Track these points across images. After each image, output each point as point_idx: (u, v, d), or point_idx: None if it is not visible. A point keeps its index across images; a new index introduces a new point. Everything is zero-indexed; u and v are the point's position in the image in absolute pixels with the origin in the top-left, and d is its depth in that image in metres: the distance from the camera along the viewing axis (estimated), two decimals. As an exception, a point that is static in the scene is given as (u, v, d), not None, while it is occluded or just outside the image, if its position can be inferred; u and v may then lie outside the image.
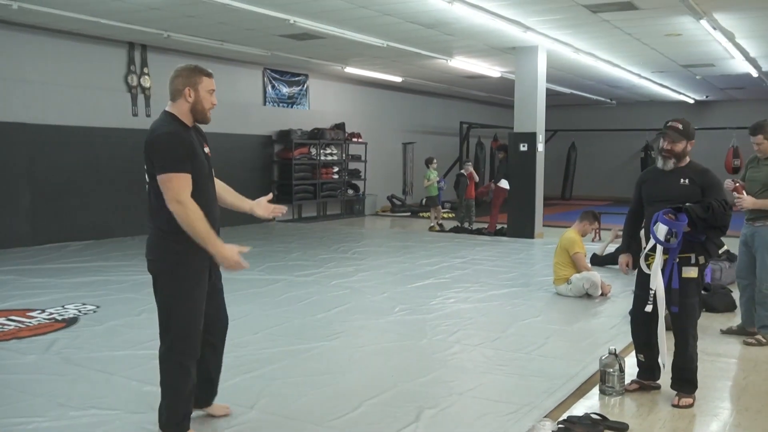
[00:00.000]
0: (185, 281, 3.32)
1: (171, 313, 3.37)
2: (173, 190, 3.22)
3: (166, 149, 3.26)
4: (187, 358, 3.39)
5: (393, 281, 8.11)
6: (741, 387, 4.57)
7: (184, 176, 3.24)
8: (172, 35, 11.07)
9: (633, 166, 23.35)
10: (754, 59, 13.52)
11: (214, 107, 3.49)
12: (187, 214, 3.22)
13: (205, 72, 3.47)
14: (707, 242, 4.13)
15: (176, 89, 3.40)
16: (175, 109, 3.41)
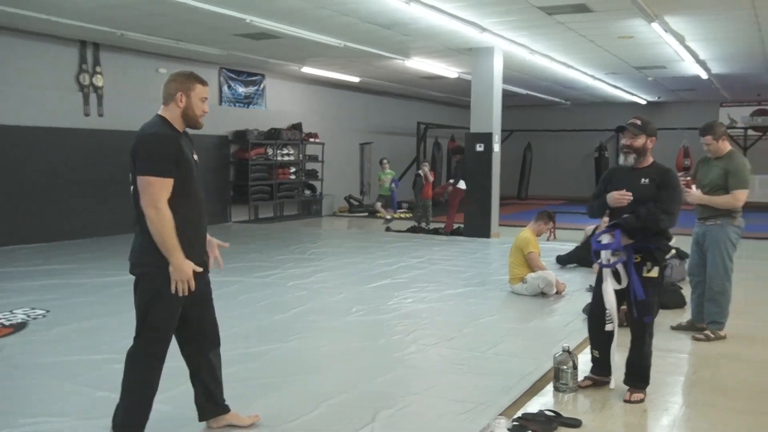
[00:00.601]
0: (164, 285, 3.28)
1: (145, 316, 3.34)
2: (150, 195, 3.18)
3: (149, 151, 3.24)
4: (154, 360, 3.36)
5: (350, 282, 8.10)
6: (691, 382, 4.68)
7: (164, 181, 3.20)
8: (126, 34, 10.87)
9: (587, 166, 23.76)
10: (704, 62, 13.86)
11: (206, 114, 3.48)
12: (160, 220, 3.17)
13: (200, 80, 3.46)
14: (655, 251, 4.20)
15: (169, 93, 3.39)
16: (167, 113, 3.39)
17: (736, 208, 5.50)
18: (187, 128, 3.48)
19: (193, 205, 3.36)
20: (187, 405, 4.02)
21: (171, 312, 3.36)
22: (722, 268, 5.55)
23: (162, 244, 3.19)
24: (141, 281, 3.36)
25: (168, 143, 3.27)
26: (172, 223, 3.20)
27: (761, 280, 8.51)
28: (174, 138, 3.32)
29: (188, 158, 3.34)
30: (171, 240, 3.19)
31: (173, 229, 3.20)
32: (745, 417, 3.96)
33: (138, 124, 3.53)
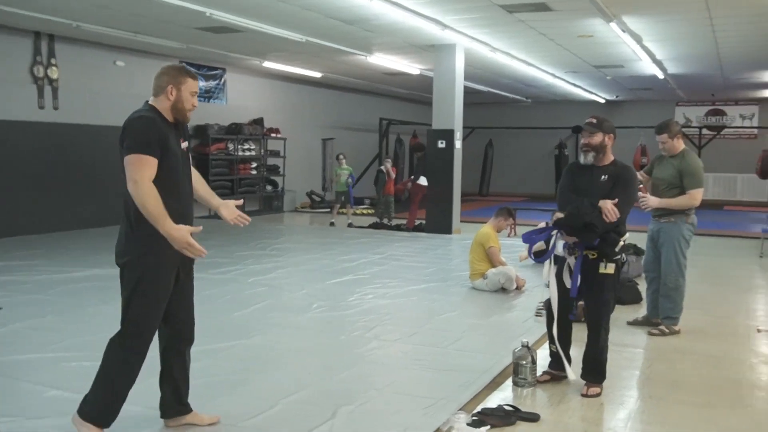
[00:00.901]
0: (146, 277, 3.27)
1: (128, 307, 3.32)
2: (132, 170, 3.19)
3: (136, 131, 3.25)
4: (133, 355, 3.33)
5: (312, 278, 8.07)
6: (646, 376, 4.76)
7: (148, 159, 3.20)
8: (81, 25, 10.63)
9: (548, 163, 24.05)
10: (661, 62, 14.12)
11: (195, 108, 3.48)
12: (140, 192, 3.15)
13: (191, 74, 3.46)
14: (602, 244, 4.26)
15: (159, 86, 3.40)
16: (157, 104, 3.41)
17: (693, 206, 5.61)
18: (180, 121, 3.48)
19: (177, 196, 3.34)
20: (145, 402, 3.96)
21: (152, 307, 3.33)
22: (676, 264, 5.67)
23: (148, 216, 3.16)
24: (123, 271, 3.35)
25: (153, 125, 3.28)
26: (155, 193, 3.16)
27: (714, 276, 8.72)
28: (158, 122, 3.31)
29: (171, 149, 3.33)
30: (156, 209, 3.15)
31: (156, 198, 3.16)
32: (697, 410, 4.05)
33: (95, 118, 3.49)
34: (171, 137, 3.36)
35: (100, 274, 7.87)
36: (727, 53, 12.99)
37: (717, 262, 9.84)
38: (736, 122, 22.30)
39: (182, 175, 3.42)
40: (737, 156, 21.88)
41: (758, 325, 6.15)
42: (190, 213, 3.47)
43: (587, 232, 4.18)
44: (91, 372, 4.47)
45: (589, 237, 4.19)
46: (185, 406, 3.66)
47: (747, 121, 22.22)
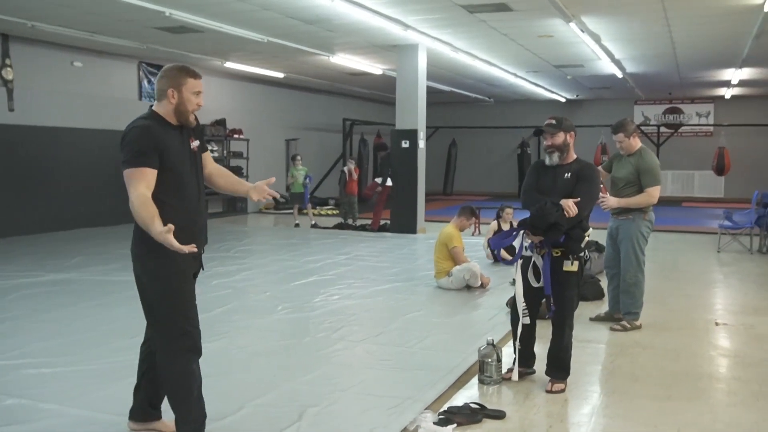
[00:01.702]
0: (175, 276, 3.18)
1: (161, 312, 3.22)
2: (128, 187, 3.11)
3: (128, 144, 3.16)
4: (187, 356, 3.25)
5: (276, 280, 8.02)
6: (609, 371, 4.83)
7: (143, 171, 3.11)
8: (37, 25, 10.41)
9: (511, 161, 24.26)
10: (619, 61, 14.35)
11: (199, 108, 3.34)
12: (134, 210, 3.05)
13: (192, 73, 3.30)
14: (568, 240, 4.31)
15: (161, 89, 3.28)
16: (160, 108, 3.29)
17: (651, 203, 5.71)
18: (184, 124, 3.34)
19: (183, 198, 3.25)
20: (111, 409, 3.90)
21: (187, 303, 3.26)
22: (635, 260, 5.77)
23: (142, 223, 3.06)
24: (144, 279, 3.25)
25: (145, 133, 3.16)
26: (147, 202, 3.06)
27: (673, 271, 8.89)
28: (152, 129, 3.19)
29: (175, 150, 3.23)
30: (146, 216, 3.03)
31: (148, 206, 3.05)
32: (658, 403, 4.12)
33: (52, 120, 3.41)
34: (173, 139, 3.24)
35: (59, 279, 7.72)
36: (683, 53, 13.26)
37: (676, 258, 10.03)
38: (693, 120, 22.77)
39: (188, 176, 3.29)
40: (694, 153, 22.35)
41: (716, 319, 6.28)
42: (199, 210, 3.35)
43: (553, 231, 4.23)
44: (52, 378, 4.42)
45: (555, 235, 4.24)
46: (157, 411, 3.58)
47: (703, 119, 22.70)
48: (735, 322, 6.21)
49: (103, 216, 12.94)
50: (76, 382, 4.35)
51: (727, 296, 7.60)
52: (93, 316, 6.16)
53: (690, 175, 22.69)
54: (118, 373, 4.50)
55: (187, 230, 3.23)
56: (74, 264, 8.67)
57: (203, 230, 3.42)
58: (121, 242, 10.71)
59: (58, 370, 4.60)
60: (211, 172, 3.57)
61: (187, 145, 3.34)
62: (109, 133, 13.28)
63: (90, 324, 5.85)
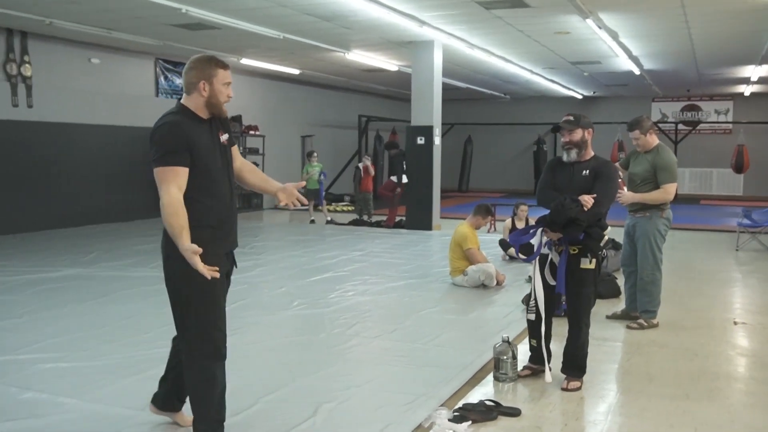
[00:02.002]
0: (199, 278, 3.03)
1: (187, 315, 3.16)
2: (159, 187, 3.02)
3: (158, 141, 3.07)
4: (209, 361, 3.19)
5: (291, 275, 8.03)
6: (624, 369, 4.79)
7: (175, 170, 3.03)
8: (54, 22, 10.49)
9: (526, 158, 24.16)
10: (637, 58, 14.23)
11: (230, 100, 3.26)
12: (165, 208, 2.98)
13: (222, 64, 3.21)
14: (587, 239, 4.28)
15: (190, 82, 3.17)
16: (190, 102, 3.19)
17: (666, 200, 5.66)
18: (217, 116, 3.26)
19: (214, 194, 3.16)
20: (123, 403, 3.92)
21: (214, 305, 3.17)
22: (652, 258, 5.72)
23: (170, 232, 3.00)
24: (173, 279, 3.18)
25: (175, 130, 3.08)
26: (178, 210, 2.98)
27: (691, 270, 8.81)
28: (183, 125, 3.10)
29: (205, 147, 3.14)
30: (175, 227, 2.97)
31: (178, 216, 2.98)
32: (675, 402, 4.09)
33: (69, 116, 3.40)
34: (203, 135, 3.16)
35: (75, 274, 7.78)
36: (701, 50, 13.12)
37: (693, 256, 9.94)
38: (711, 117, 22.55)
39: (220, 172, 3.21)
40: (712, 151, 22.15)
41: (735, 318, 6.22)
42: (231, 208, 3.27)
43: (572, 227, 4.20)
44: (68, 372, 4.46)
45: (574, 231, 4.21)
46: (181, 403, 3.57)
47: (722, 117, 22.47)
48: (753, 321, 6.15)
49: (119, 212, 13.02)
50: (92, 377, 4.38)
51: (746, 295, 7.52)
52: (108, 311, 6.19)
53: (708, 173, 22.48)
54: (132, 368, 4.53)
55: (220, 229, 3.19)
56: (90, 260, 8.73)
57: (235, 227, 3.34)
58: (136, 238, 10.78)
59: (75, 365, 4.63)
60: (240, 168, 3.48)
61: (217, 140, 3.24)
62: (126, 129, 13.39)
63: (105, 319, 5.89)
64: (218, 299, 3.20)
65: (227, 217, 3.24)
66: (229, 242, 3.29)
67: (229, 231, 3.27)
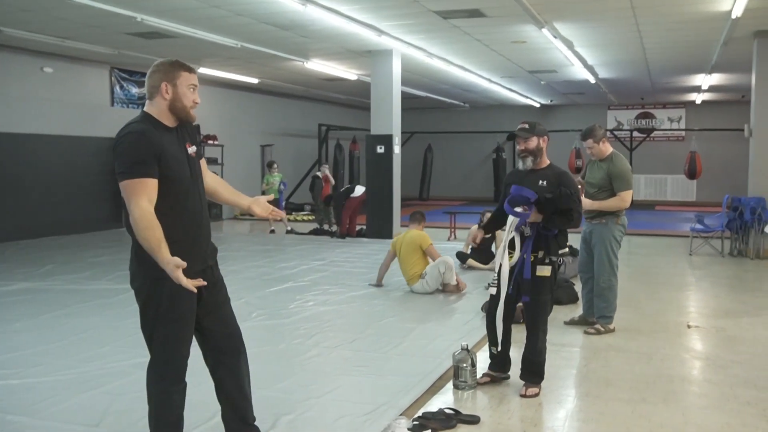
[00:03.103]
0: (164, 300, 2.94)
1: (152, 335, 3.04)
2: (128, 201, 2.84)
3: (123, 152, 2.87)
4: (168, 384, 3.08)
5: (251, 286, 7.96)
6: (582, 374, 4.85)
7: (144, 182, 2.85)
8: (5, 30, 10.26)
9: (486, 166, 24.39)
10: (592, 66, 14.49)
11: (197, 105, 3.11)
12: (138, 223, 2.81)
13: (186, 66, 3.08)
14: (553, 239, 4.34)
15: (152, 86, 3.02)
16: (153, 108, 3.02)
17: (623, 208, 5.76)
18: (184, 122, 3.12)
19: (184, 207, 3.02)
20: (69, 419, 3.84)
21: (177, 330, 3.04)
22: (608, 264, 5.81)
23: (147, 248, 2.83)
24: (139, 298, 3.06)
25: (141, 140, 2.88)
26: (153, 223, 2.82)
27: (646, 275, 8.97)
28: (149, 133, 2.91)
29: (173, 157, 2.96)
30: (152, 242, 2.80)
31: (154, 229, 2.81)
32: (632, 406, 4.15)
33: (23, 126, 3.32)
34: (170, 145, 2.98)
35: (29, 288, 7.59)
36: (654, 58, 13.43)
37: (649, 261, 10.13)
38: (665, 125, 23.07)
39: (190, 184, 3.05)
40: (666, 157, 22.64)
41: (689, 322, 6.35)
42: (201, 222, 3.14)
43: (560, 218, 4.28)
44: (19, 389, 4.34)
45: (560, 222, 4.30)
46: (250, 426, 3.38)
47: (675, 124, 23.01)
48: (707, 324, 6.28)
49: (74, 224, 12.75)
50: (45, 393, 4.27)
51: (699, 299, 7.69)
52: (63, 325, 6.06)
53: (662, 179, 22.97)
54: (88, 384, 4.43)
55: (192, 245, 3.04)
56: (45, 272, 8.53)
57: (208, 241, 3.20)
58: (92, 250, 10.57)
59: (27, 381, 4.52)
60: (211, 182, 3.36)
61: (185, 149, 3.08)
62: (81, 139, 13.14)
63: (60, 333, 5.75)
64: (186, 321, 3.06)
65: (198, 232, 3.10)
66: (202, 258, 3.12)
67: (202, 246, 3.13)
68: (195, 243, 3.07)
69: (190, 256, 2.91)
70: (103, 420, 3.83)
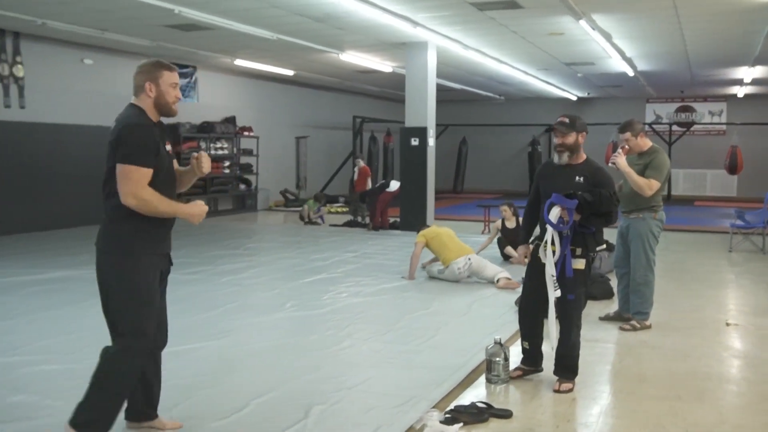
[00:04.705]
0: (134, 274, 3.21)
1: (121, 311, 3.22)
2: (131, 185, 3.15)
3: (135, 140, 3.19)
4: (138, 358, 3.26)
5: (284, 277, 8.02)
6: (616, 370, 4.80)
7: (146, 171, 3.17)
8: (47, 23, 10.45)
9: (521, 160, 24.18)
10: (630, 59, 14.25)
11: (178, 101, 3.41)
12: (149, 204, 3.17)
13: (167, 66, 3.38)
14: (590, 236, 4.29)
15: (137, 85, 3.33)
16: (140, 103, 3.34)
17: (643, 193, 5.58)
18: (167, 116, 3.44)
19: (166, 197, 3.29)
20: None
21: (148, 305, 3.25)
22: (645, 260, 5.72)
23: (168, 214, 3.25)
24: (106, 272, 3.27)
25: (149, 135, 3.24)
26: (157, 196, 3.18)
27: (684, 271, 8.82)
28: (152, 130, 3.28)
29: (162, 154, 3.30)
30: (168, 209, 3.23)
31: (162, 200, 3.20)
32: (667, 403, 4.09)
33: (62, 116, 3.42)
34: (160, 140, 3.31)
35: (67, 276, 7.75)
36: (694, 50, 13.16)
37: (687, 257, 9.96)
38: (705, 119, 22.61)
39: (170, 178, 3.40)
40: (706, 152, 22.19)
41: (727, 319, 6.23)
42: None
43: (600, 219, 4.26)
44: (56, 375, 4.43)
45: (598, 223, 4.28)
46: (154, 410, 3.58)
47: (716, 118, 22.54)
48: (745, 322, 6.16)
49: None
50: (82, 379, 4.33)
51: (738, 296, 7.53)
52: (98, 313, 6.09)
53: (702, 174, 22.54)
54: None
55: (162, 232, 3.35)
56: (82, 261, 8.69)
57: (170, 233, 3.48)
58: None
59: (65, 367, 4.61)
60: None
61: (165, 146, 3.37)
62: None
63: (96, 320, 5.81)
64: (153, 296, 3.29)
65: (171, 221, 3.38)
66: (167, 244, 3.43)
67: (167, 233, 3.41)
68: (167, 230, 3.39)
69: (164, 242, 3.37)
70: (138, 406, 3.88)
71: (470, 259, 7.69)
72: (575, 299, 4.29)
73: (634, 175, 5.59)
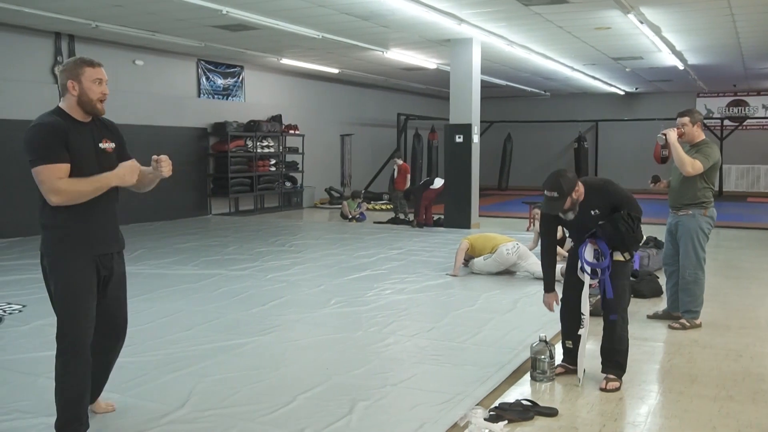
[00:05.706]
0: (65, 276, 3.24)
1: (58, 311, 3.31)
2: (47, 184, 3.12)
3: (32, 141, 3.16)
4: (71, 357, 3.28)
5: (329, 274, 8.08)
6: (665, 370, 4.71)
7: (56, 166, 3.13)
8: (100, 25, 10.73)
9: (567, 156, 23.88)
10: (680, 52, 13.96)
11: (105, 97, 3.39)
12: (70, 194, 3.15)
13: (89, 62, 3.33)
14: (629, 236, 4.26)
15: (62, 84, 3.31)
16: (64, 104, 3.32)
17: (684, 170, 5.45)
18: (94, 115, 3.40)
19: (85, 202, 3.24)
20: (156, 398, 4.01)
21: (78, 305, 3.27)
22: (694, 257, 5.61)
23: (94, 192, 3.21)
24: (47, 275, 3.33)
25: (47, 129, 3.18)
26: (76, 181, 3.15)
27: (736, 269, 8.61)
28: (57, 124, 3.20)
29: (78, 147, 3.23)
30: (94, 184, 3.20)
31: (80, 182, 3.16)
32: (718, 403, 4.01)
33: (115, 117, 3.50)
34: (79, 136, 3.25)
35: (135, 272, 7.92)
36: (748, 43, 12.81)
37: (739, 255, 9.71)
38: (759, 113, 21.99)
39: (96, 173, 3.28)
40: (760, 147, 21.58)
41: (781, 318, 6.07)
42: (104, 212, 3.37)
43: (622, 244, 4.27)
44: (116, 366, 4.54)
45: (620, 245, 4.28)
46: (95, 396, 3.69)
47: (770, 112, 21.92)
48: (801, 321, 5.99)
49: (162, 211, 13.25)
50: (134, 372, 4.46)
51: (793, 295, 7.32)
52: (150, 308, 6.31)
53: (755, 170, 21.92)
54: (173, 365, 4.61)
55: (88, 232, 3.29)
56: (135, 257, 8.91)
57: (112, 230, 3.44)
58: (178, 237, 10.97)
59: (120, 360, 4.73)
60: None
61: (97, 144, 3.34)
62: (169, 129, 13.65)
63: (148, 316, 6.00)
64: (82, 295, 3.27)
65: (99, 221, 3.33)
66: (103, 245, 3.38)
67: (102, 235, 3.36)
68: (95, 228, 3.32)
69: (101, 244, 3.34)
70: (188, 400, 3.98)
71: (518, 244, 7.85)
72: (617, 296, 4.24)
73: (680, 149, 5.49)
